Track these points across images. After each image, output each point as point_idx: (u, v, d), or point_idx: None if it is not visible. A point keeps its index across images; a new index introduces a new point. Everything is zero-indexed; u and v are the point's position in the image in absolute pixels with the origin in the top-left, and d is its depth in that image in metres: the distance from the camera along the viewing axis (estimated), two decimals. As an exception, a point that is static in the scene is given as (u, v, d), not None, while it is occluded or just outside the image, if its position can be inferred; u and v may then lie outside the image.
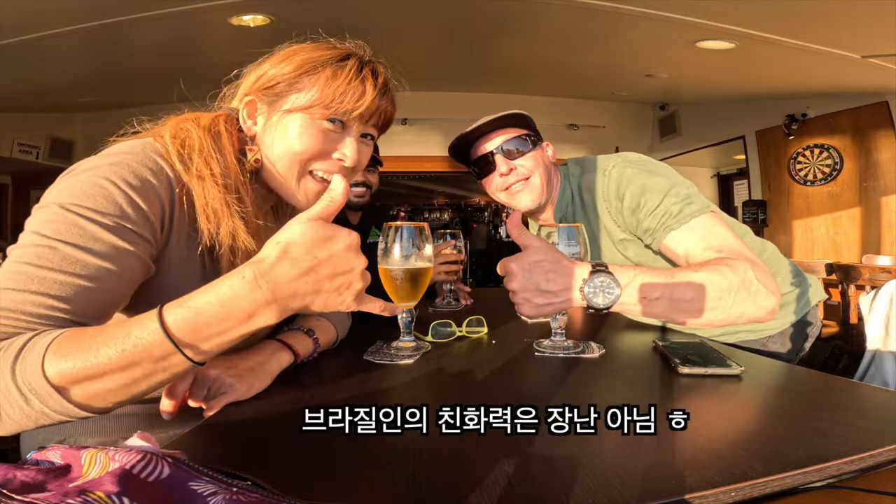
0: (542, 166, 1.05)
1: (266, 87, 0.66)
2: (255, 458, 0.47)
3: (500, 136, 1.05)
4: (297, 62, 0.65)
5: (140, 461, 0.32)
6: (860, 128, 3.95)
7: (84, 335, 0.45)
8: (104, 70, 3.37)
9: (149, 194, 0.56)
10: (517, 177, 1.04)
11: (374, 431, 0.49)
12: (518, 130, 1.05)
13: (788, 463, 0.41)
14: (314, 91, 0.65)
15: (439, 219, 12.07)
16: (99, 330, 0.45)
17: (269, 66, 0.67)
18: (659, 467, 0.42)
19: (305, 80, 0.65)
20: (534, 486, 0.39)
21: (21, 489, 0.29)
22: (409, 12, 3.00)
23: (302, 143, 0.65)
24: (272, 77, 0.66)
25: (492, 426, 0.48)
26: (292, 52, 0.68)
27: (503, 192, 1.06)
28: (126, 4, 2.56)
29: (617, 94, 4.84)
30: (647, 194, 0.93)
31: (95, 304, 0.52)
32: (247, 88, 0.68)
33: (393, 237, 0.81)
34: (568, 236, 0.81)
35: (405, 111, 4.92)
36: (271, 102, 0.66)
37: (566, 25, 3.11)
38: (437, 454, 0.45)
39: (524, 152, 1.04)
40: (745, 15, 2.66)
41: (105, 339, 0.44)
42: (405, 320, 0.85)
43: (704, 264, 0.77)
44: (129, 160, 0.56)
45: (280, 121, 0.65)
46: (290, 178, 0.67)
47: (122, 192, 0.54)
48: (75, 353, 0.43)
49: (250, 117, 0.68)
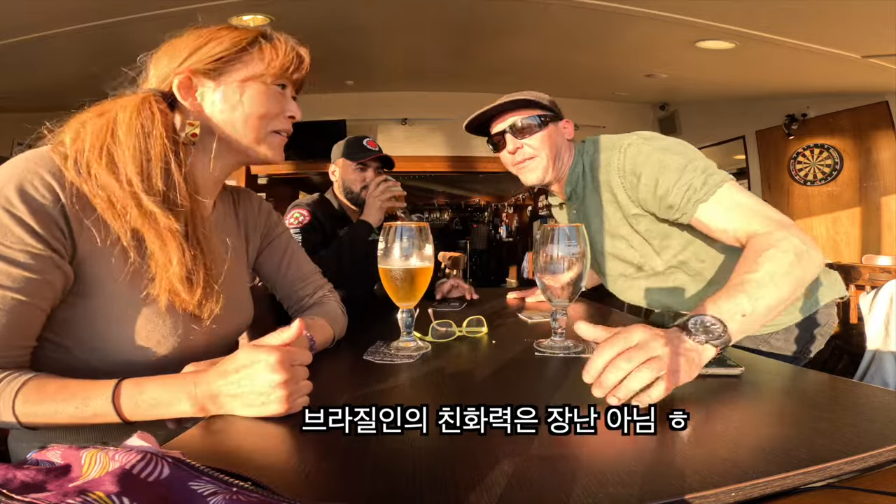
0: (550, 146, 1.12)
1: (206, 63, 0.70)
2: (255, 458, 0.47)
3: (511, 116, 1.13)
4: (231, 39, 0.71)
5: (140, 461, 0.32)
6: (860, 128, 3.95)
7: (48, 388, 0.54)
8: (104, 70, 3.38)
9: (38, 212, 0.57)
10: (523, 155, 1.12)
11: (374, 431, 0.49)
12: (529, 111, 1.12)
13: (789, 463, 0.41)
14: (260, 62, 0.72)
15: (439, 219, 12.07)
16: (62, 386, 0.55)
17: (192, 47, 0.70)
18: (659, 467, 0.42)
19: (247, 53, 0.71)
20: (534, 486, 0.39)
21: (21, 489, 0.29)
22: (409, 12, 3.00)
23: (266, 106, 0.73)
24: (212, 54, 0.70)
25: (492, 426, 0.49)
26: (212, 34, 0.71)
27: (513, 166, 1.16)
28: (126, 4, 2.56)
29: (617, 94, 4.85)
30: (665, 171, 0.94)
31: (15, 332, 0.56)
32: (170, 70, 0.69)
33: (393, 237, 0.81)
34: (568, 236, 0.81)
35: (405, 111, 4.93)
36: (217, 76, 0.71)
37: (566, 25, 3.11)
38: (437, 454, 0.45)
39: (533, 132, 1.11)
40: (745, 15, 2.66)
41: (66, 396, 0.54)
42: (405, 320, 0.85)
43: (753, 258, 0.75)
44: (14, 179, 0.57)
45: (238, 90, 0.71)
46: (254, 138, 0.74)
47: (10, 216, 0.55)
48: (40, 403, 0.53)
49: (189, 95, 0.70)
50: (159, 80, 0.70)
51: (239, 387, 0.53)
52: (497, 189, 10.33)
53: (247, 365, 0.54)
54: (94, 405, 0.53)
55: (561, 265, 0.80)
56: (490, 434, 0.48)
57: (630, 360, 0.53)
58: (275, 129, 0.76)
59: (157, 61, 0.71)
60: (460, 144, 5.12)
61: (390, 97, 4.85)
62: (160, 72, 0.70)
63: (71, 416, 0.53)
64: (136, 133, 0.63)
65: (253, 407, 0.54)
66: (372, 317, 1.21)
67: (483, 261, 10.50)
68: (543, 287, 0.83)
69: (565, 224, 0.83)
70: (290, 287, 0.95)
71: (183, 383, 0.55)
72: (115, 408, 0.54)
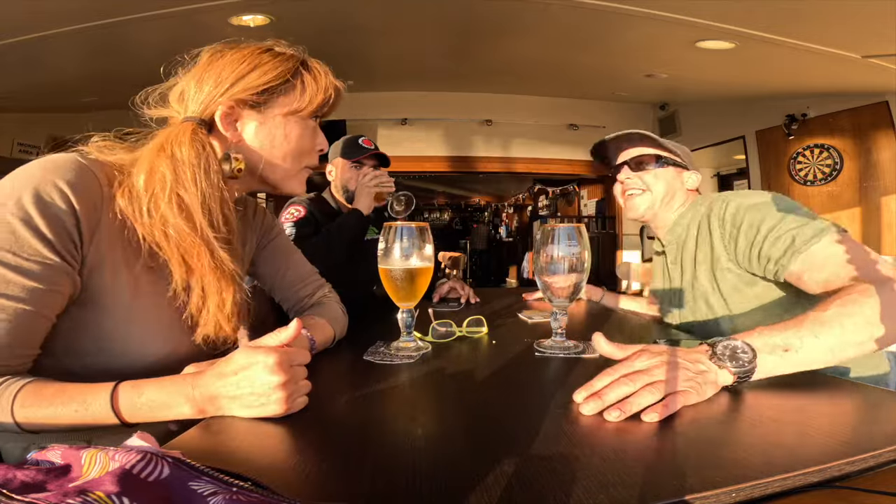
0: (663, 188, 1.14)
1: (252, 94, 0.68)
2: (255, 458, 0.47)
3: (635, 149, 1.18)
4: (276, 69, 0.69)
5: (140, 461, 0.32)
6: (860, 128, 3.94)
7: (46, 391, 0.54)
8: (104, 70, 3.38)
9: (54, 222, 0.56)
10: (632, 187, 1.17)
11: (375, 431, 0.49)
12: (651, 150, 1.16)
13: (789, 463, 0.41)
14: (302, 95, 0.71)
15: (439, 219, 12.07)
16: (60, 390, 0.54)
17: (237, 74, 0.67)
18: (659, 467, 0.42)
19: (290, 85, 0.70)
20: (534, 486, 0.39)
21: (21, 489, 0.29)
22: (409, 12, 3.00)
23: (306, 142, 0.74)
24: (259, 84, 0.67)
25: (492, 426, 0.48)
26: (256, 60, 0.68)
27: (621, 196, 1.21)
28: (126, 4, 2.55)
29: (617, 94, 4.84)
30: (766, 220, 0.91)
31: (20, 341, 0.56)
32: (213, 96, 0.67)
33: (393, 237, 0.81)
34: (568, 236, 0.81)
35: (405, 111, 4.93)
36: (261, 108, 0.69)
37: (566, 25, 3.11)
38: (437, 454, 0.45)
39: (649, 168, 1.15)
40: (745, 15, 2.66)
41: (65, 400, 0.53)
42: (405, 320, 0.85)
43: (830, 299, 0.70)
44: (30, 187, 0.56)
45: (281, 125, 0.70)
46: (291, 173, 0.74)
47: (26, 226, 0.54)
48: (39, 406, 0.53)
49: (231, 125, 0.68)
50: (201, 105, 0.67)
51: (237, 388, 0.53)
52: (497, 189, 10.34)
53: (245, 367, 0.54)
54: (94, 408, 0.53)
55: (561, 265, 0.80)
56: (490, 434, 0.48)
57: (632, 382, 0.55)
58: (307, 165, 0.77)
59: (200, 83, 0.67)
60: (460, 144, 5.12)
61: (390, 97, 4.84)
62: (203, 97, 0.67)
63: (70, 419, 0.53)
64: (199, 177, 0.62)
65: (252, 408, 0.54)
66: (372, 317, 1.21)
67: (483, 261, 10.50)
68: (543, 287, 0.83)
69: (565, 225, 0.83)
70: (290, 288, 0.95)
71: (181, 385, 0.55)
72: (113, 410, 0.53)
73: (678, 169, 1.16)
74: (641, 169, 1.15)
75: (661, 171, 1.15)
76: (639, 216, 1.17)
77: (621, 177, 1.18)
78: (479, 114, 4.96)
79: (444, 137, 5.11)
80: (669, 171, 1.15)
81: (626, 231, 5.36)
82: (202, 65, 0.69)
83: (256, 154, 0.70)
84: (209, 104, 0.67)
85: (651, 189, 1.14)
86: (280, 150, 0.71)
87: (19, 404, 0.53)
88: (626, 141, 1.18)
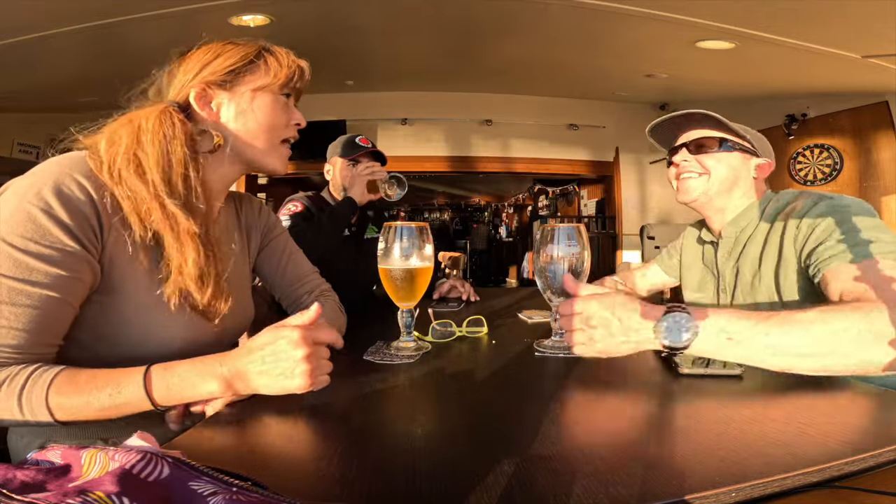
0: (724, 173, 1.03)
1: (219, 75, 0.73)
2: (255, 458, 0.47)
3: (696, 131, 1.08)
4: (238, 53, 0.74)
5: (140, 461, 0.32)
6: (860, 128, 3.95)
7: (79, 378, 0.55)
8: (104, 70, 3.38)
9: (74, 212, 0.59)
10: (687, 170, 1.06)
11: (375, 431, 0.49)
12: (715, 132, 1.05)
13: (789, 463, 0.41)
14: (266, 73, 0.75)
15: (439, 219, 12.07)
16: (92, 376, 0.56)
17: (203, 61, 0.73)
18: (659, 467, 0.42)
19: (254, 65, 0.75)
20: (534, 486, 0.39)
21: (21, 489, 0.29)
22: (409, 13, 3.00)
23: (278, 116, 0.77)
24: (224, 66, 0.73)
25: (492, 426, 0.48)
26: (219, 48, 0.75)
27: (674, 179, 1.11)
28: (126, 4, 2.55)
29: (617, 94, 4.84)
30: (843, 225, 0.83)
31: (47, 329, 0.58)
32: (184, 82, 0.73)
33: (393, 237, 0.81)
34: (568, 236, 0.81)
35: (405, 111, 4.93)
36: (229, 86, 0.74)
37: (566, 25, 3.11)
38: (437, 454, 0.45)
39: (708, 152, 1.04)
40: (745, 15, 2.66)
41: (98, 385, 0.55)
42: (405, 320, 0.85)
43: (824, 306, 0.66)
44: (50, 181, 0.59)
45: (250, 99, 0.75)
46: (266, 148, 0.77)
47: (47, 216, 0.57)
48: (73, 394, 0.54)
49: (206, 105, 0.73)
50: (175, 91, 0.73)
51: (263, 363, 0.55)
52: (497, 189, 10.33)
53: (270, 342, 0.56)
54: (127, 392, 0.55)
55: (561, 265, 0.80)
56: (490, 434, 0.48)
57: (570, 324, 0.69)
58: (283, 139, 0.79)
59: (171, 76, 0.74)
60: (460, 144, 5.12)
61: (390, 97, 4.84)
62: (175, 85, 0.73)
63: (103, 406, 0.55)
64: (159, 140, 0.66)
65: (277, 381, 0.56)
66: (372, 317, 1.21)
67: (483, 261, 10.49)
68: (543, 287, 0.83)
69: (565, 225, 0.83)
70: (289, 286, 0.96)
71: (211, 364, 0.57)
72: (146, 392, 0.55)
73: (746, 155, 1.04)
74: (702, 152, 1.04)
75: (725, 155, 1.03)
76: (690, 200, 1.07)
77: (677, 159, 1.07)
78: (479, 114, 4.96)
79: (444, 137, 5.11)
80: (735, 157, 1.03)
81: (626, 231, 5.36)
82: (173, 64, 0.75)
83: (232, 130, 0.75)
84: (181, 89, 0.73)
85: (710, 172, 1.03)
86: (254, 124, 0.75)
87: (55, 391, 0.54)
88: (686, 121, 1.08)
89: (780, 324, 0.62)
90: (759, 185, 1.07)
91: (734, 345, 0.62)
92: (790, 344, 0.61)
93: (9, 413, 0.53)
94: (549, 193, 7.91)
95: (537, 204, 8.44)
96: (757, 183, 1.07)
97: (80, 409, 0.54)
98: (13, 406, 0.53)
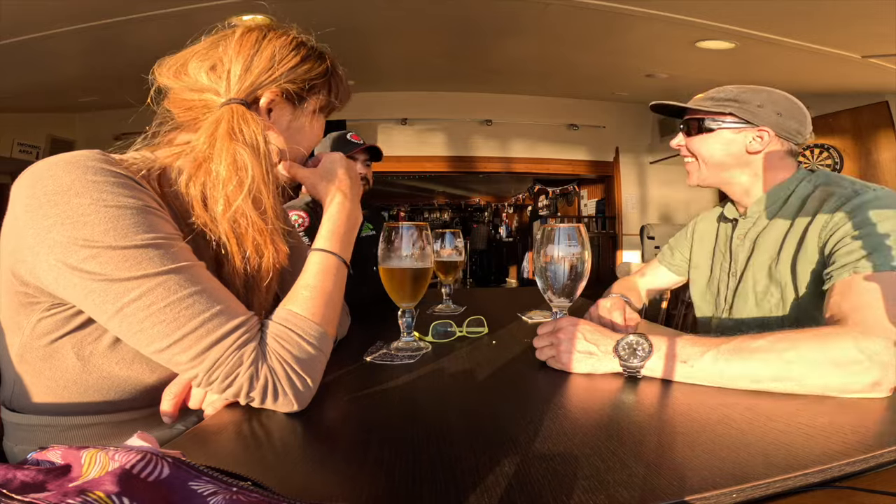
0: (711, 153, 1.00)
1: (299, 86, 0.66)
2: (255, 458, 0.47)
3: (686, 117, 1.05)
4: (322, 66, 0.68)
5: (140, 461, 0.32)
6: (860, 128, 3.95)
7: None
8: (104, 70, 3.38)
9: (142, 195, 0.55)
10: (684, 154, 1.07)
11: (375, 431, 0.48)
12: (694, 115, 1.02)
13: (789, 464, 0.41)
14: (330, 92, 0.71)
15: (439, 218, 12.08)
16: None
17: (290, 63, 0.65)
18: (659, 467, 0.42)
19: (325, 82, 0.70)
20: (534, 487, 0.39)
21: (21, 489, 0.29)
22: (409, 12, 3.00)
23: (318, 139, 0.73)
24: (307, 78, 0.66)
25: (492, 426, 0.48)
26: (304, 52, 0.68)
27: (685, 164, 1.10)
28: (126, 4, 2.56)
29: (617, 94, 4.84)
30: (867, 228, 0.78)
31: (228, 293, 0.56)
32: (260, 81, 0.63)
33: (393, 237, 0.81)
34: (568, 236, 0.81)
35: (405, 111, 4.93)
36: (298, 102, 0.68)
37: (566, 25, 3.11)
38: (437, 455, 0.45)
39: (698, 133, 1.01)
40: (745, 15, 2.66)
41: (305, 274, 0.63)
42: (405, 321, 0.85)
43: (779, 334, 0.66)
44: (108, 180, 0.53)
45: (309, 121, 0.70)
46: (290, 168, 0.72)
47: (131, 211, 0.53)
48: (292, 301, 0.62)
49: (265, 113, 0.66)
50: (246, 85, 0.63)
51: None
52: (497, 189, 10.33)
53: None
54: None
55: (561, 265, 0.80)
56: (490, 434, 0.48)
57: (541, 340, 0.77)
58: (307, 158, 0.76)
59: (246, 63, 0.63)
60: (460, 144, 5.12)
61: (390, 97, 4.84)
62: (250, 78, 0.63)
63: (317, 280, 0.64)
64: (263, 160, 0.60)
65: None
66: (372, 317, 1.21)
67: (483, 261, 10.50)
68: (544, 287, 0.83)
69: (565, 225, 0.83)
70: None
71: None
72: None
73: (736, 129, 0.97)
74: (691, 136, 1.03)
75: (708, 136, 0.99)
76: (692, 184, 1.07)
77: (673, 143, 1.08)
78: (479, 114, 4.96)
79: (443, 137, 5.11)
80: (721, 135, 0.98)
81: (626, 231, 5.36)
82: (248, 43, 0.65)
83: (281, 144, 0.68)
84: (256, 88, 0.63)
85: (698, 156, 1.02)
86: (298, 143, 0.70)
87: (283, 315, 0.59)
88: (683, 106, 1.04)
89: (732, 352, 0.64)
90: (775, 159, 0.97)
91: (688, 367, 0.66)
92: (742, 369, 0.64)
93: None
94: (549, 193, 7.91)
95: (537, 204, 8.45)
96: (770, 157, 0.97)
97: (311, 299, 0.61)
98: (258, 365, 0.53)
